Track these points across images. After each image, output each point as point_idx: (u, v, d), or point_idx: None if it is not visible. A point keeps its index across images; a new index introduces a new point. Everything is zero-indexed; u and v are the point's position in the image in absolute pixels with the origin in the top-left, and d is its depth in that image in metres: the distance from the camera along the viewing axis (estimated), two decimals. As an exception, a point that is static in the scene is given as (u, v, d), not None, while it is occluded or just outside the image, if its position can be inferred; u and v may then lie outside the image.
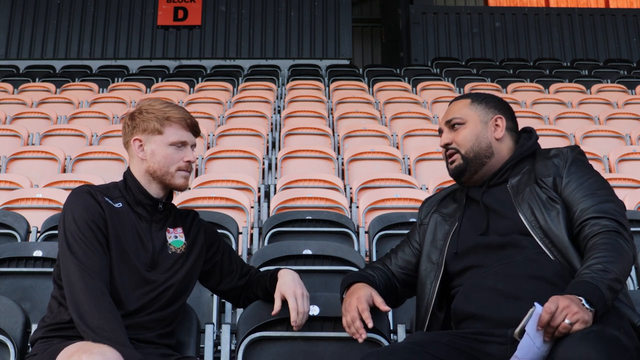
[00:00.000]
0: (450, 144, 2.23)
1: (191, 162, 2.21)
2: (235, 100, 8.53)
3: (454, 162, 2.22)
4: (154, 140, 2.18)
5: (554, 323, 1.69)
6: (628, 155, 6.22)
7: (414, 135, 6.85)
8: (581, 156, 2.15)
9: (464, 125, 2.23)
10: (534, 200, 2.06)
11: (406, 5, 13.94)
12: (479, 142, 2.20)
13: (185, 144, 2.20)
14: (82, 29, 12.88)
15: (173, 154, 2.18)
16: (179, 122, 2.19)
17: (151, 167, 2.18)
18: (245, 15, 13.07)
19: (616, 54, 13.32)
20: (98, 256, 2.03)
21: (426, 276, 2.19)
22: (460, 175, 2.22)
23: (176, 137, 2.18)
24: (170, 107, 2.21)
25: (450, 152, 2.23)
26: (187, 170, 2.20)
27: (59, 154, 6.05)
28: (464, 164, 2.20)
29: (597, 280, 1.79)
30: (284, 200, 4.81)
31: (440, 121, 2.32)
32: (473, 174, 2.20)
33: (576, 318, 1.69)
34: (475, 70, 11.13)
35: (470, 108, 2.25)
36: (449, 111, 2.29)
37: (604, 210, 1.98)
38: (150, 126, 2.18)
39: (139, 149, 2.19)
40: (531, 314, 1.69)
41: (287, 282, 2.21)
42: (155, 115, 2.18)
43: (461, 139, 2.22)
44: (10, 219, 3.96)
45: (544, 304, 1.71)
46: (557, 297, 1.73)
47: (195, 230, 2.28)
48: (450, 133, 2.25)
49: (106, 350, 1.80)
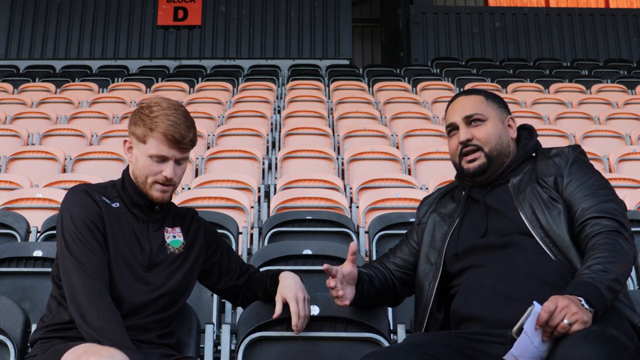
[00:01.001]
0: (471, 140, 2.16)
1: (168, 178, 2.10)
2: (235, 100, 8.53)
3: (476, 160, 2.14)
4: (139, 147, 2.13)
5: (552, 322, 1.68)
6: (628, 155, 6.22)
7: (414, 135, 6.84)
8: (582, 156, 2.15)
9: (484, 122, 2.17)
10: (535, 199, 2.05)
11: (406, 5, 13.94)
12: (501, 140, 2.16)
13: (166, 159, 2.10)
14: (82, 29, 12.88)
15: (151, 165, 2.10)
16: (160, 138, 2.08)
17: (134, 172, 2.16)
18: (245, 15, 13.06)
19: (616, 54, 13.32)
20: (97, 256, 2.02)
21: (424, 277, 2.18)
22: (481, 174, 2.15)
23: (155, 151, 2.09)
24: (164, 117, 2.09)
25: (471, 149, 2.15)
26: (164, 184, 2.12)
27: (59, 154, 6.05)
28: (487, 163, 2.13)
29: (597, 281, 1.78)
30: (284, 200, 4.81)
31: (453, 116, 2.20)
32: (493, 174, 2.15)
33: (575, 318, 1.69)
34: (475, 70, 11.13)
35: (487, 105, 2.20)
36: (464, 106, 2.20)
37: (605, 210, 1.98)
38: (138, 131, 2.12)
39: (127, 151, 2.18)
40: (530, 313, 1.69)
41: (289, 286, 2.20)
42: (144, 123, 2.11)
43: (484, 136, 2.15)
44: (10, 219, 3.96)
45: (544, 303, 1.71)
46: (557, 297, 1.73)
47: (195, 230, 2.26)
48: (469, 129, 2.17)
49: (114, 353, 1.79)
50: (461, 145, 2.16)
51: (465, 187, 2.23)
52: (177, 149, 2.11)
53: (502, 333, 1.87)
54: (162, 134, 2.08)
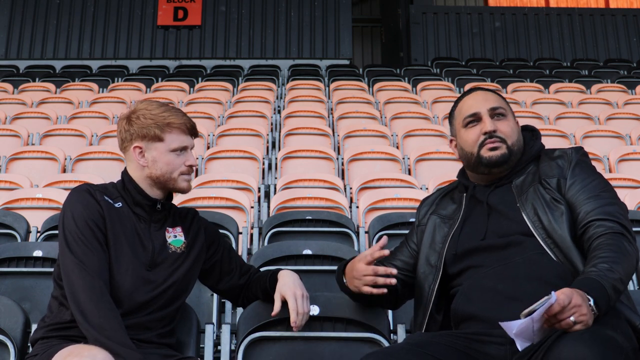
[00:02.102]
0: (495, 132, 2.14)
1: (192, 165, 2.21)
2: (235, 100, 8.53)
3: (499, 149, 2.12)
4: (155, 147, 2.17)
5: (560, 317, 1.68)
6: (628, 155, 6.22)
7: (414, 135, 6.84)
8: (585, 158, 2.15)
9: (506, 117, 2.18)
10: (537, 200, 2.05)
11: (406, 5, 13.94)
12: (519, 138, 2.18)
13: (186, 148, 2.20)
14: (82, 29, 12.88)
15: (175, 159, 2.17)
16: (180, 127, 2.18)
17: (153, 174, 2.18)
18: (245, 15, 13.06)
19: (616, 54, 13.32)
20: (97, 255, 2.04)
21: (424, 279, 2.18)
22: (501, 164, 2.13)
23: (177, 143, 2.18)
24: (169, 112, 2.19)
25: (495, 140, 2.14)
26: (188, 173, 2.21)
27: (59, 154, 6.05)
28: (508, 155, 2.13)
29: (604, 280, 1.78)
30: (284, 200, 4.81)
31: (477, 107, 2.18)
32: (508, 168, 2.15)
33: (581, 319, 1.68)
34: (475, 70, 11.13)
35: (505, 103, 2.22)
36: (488, 99, 2.19)
37: (609, 212, 1.98)
38: (150, 133, 2.16)
39: (139, 156, 2.18)
40: (544, 302, 1.67)
41: (287, 283, 2.21)
42: (155, 122, 2.16)
43: (508, 130, 2.15)
44: (10, 219, 3.96)
45: (559, 296, 1.68)
46: (572, 292, 1.70)
47: (195, 229, 2.27)
48: (493, 121, 2.16)
49: (96, 352, 1.82)
50: (485, 135, 2.14)
51: (469, 187, 2.22)
52: (192, 136, 2.23)
53: (502, 333, 1.86)
54: (179, 125, 2.18)
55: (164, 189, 2.21)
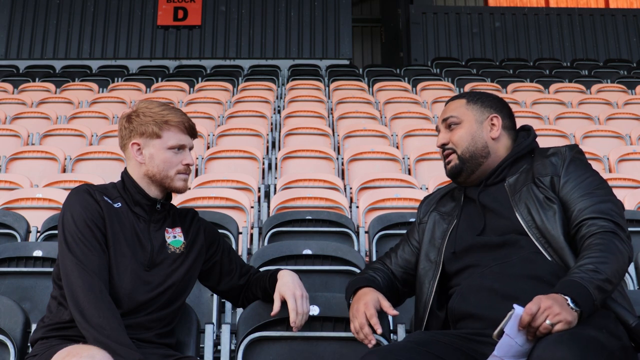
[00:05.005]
0: (446, 144, 2.23)
1: (190, 165, 2.21)
2: (235, 100, 8.53)
3: (450, 163, 2.21)
4: (153, 144, 2.18)
5: (534, 324, 1.68)
6: (628, 155, 6.22)
7: (414, 135, 6.85)
8: (580, 155, 2.14)
9: (459, 124, 2.22)
10: (530, 199, 2.05)
11: (406, 5, 13.94)
12: (475, 142, 2.19)
13: (184, 147, 2.20)
14: (82, 29, 12.88)
15: (172, 157, 2.18)
16: (178, 126, 2.19)
17: (150, 171, 2.18)
18: (245, 15, 13.07)
19: (616, 54, 13.32)
20: (97, 255, 2.04)
21: (424, 275, 2.19)
22: (456, 176, 2.21)
23: (175, 141, 2.18)
24: (168, 110, 2.20)
25: (447, 152, 2.23)
26: (185, 173, 2.21)
27: (59, 154, 6.05)
28: (460, 165, 2.19)
29: (586, 280, 1.78)
30: (284, 200, 4.81)
31: (438, 121, 2.31)
32: (470, 174, 2.19)
33: (558, 319, 1.68)
34: (475, 70, 11.13)
35: (466, 107, 2.24)
36: (445, 110, 2.28)
37: (602, 210, 1.97)
38: (148, 130, 2.17)
39: (137, 153, 2.19)
40: (510, 317, 1.70)
41: (287, 283, 2.21)
42: (154, 119, 2.17)
43: (457, 138, 2.21)
44: (10, 219, 3.96)
45: (526, 305, 1.70)
46: (540, 298, 1.72)
47: (195, 230, 2.27)
48: (447, 133, 2.24)
49: (95, 352, 1.81)
50: (440, 149, 2.26)
51: (462, 187, 2.25)
52: (191, 135, 2.24)
53: (497, 333, 1.87)
54: (177, 123, 2.19)
55: (162, 188, 2.21)
